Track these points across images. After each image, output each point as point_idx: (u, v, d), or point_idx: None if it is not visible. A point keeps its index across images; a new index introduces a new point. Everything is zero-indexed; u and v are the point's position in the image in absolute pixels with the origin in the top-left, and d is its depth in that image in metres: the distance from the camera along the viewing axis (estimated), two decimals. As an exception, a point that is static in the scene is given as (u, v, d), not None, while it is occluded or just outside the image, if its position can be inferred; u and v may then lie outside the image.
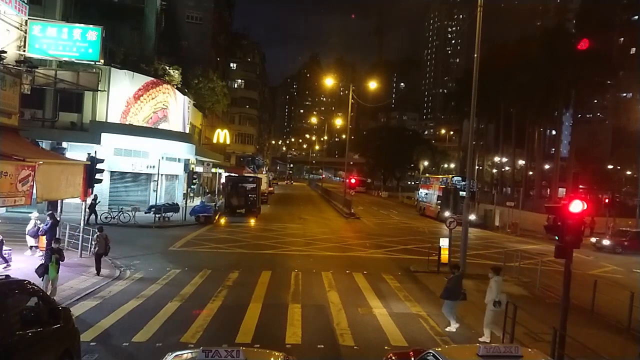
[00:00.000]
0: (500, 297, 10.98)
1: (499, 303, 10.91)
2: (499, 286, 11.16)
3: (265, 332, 11.07)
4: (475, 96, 18.93)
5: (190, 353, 6.06)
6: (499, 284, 11.22)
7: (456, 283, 12.02)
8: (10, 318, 6.52)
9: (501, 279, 11.42)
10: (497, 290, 11.06)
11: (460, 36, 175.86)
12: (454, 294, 11.90)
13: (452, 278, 12.23)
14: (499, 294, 11.04)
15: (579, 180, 36.49)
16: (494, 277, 11.34)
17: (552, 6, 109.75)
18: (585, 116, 76.09)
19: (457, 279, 12.13)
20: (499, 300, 10.92)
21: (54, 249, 12.61)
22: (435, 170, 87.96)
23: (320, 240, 26.05)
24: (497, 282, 11.23)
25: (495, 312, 10.98)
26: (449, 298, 11.97)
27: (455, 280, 12.06)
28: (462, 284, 12.36)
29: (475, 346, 6.43)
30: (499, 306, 10.91)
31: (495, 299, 10.94)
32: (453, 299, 11.94)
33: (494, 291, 11.08)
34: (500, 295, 11.03)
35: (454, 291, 11.90)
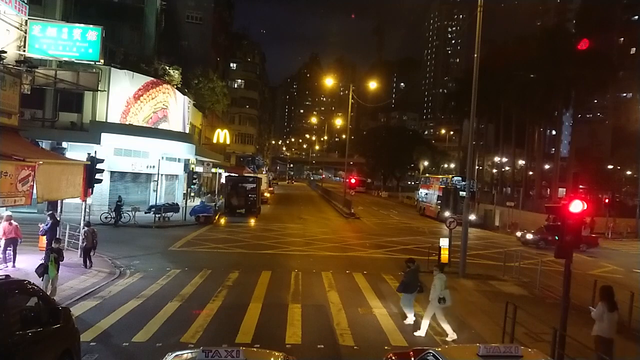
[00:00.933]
0: (444, 294, 11.12)
1: (443, 300, 11.07)
2: (443, 283, 11.28)
3: (265, 332, 11.07)
4: (475, 96, 18.94)
5: (190, 353, 6.06)
6: (443, 280, 11.36)
7: (412, 276, 12.20)
8: (10, 318, 6.51)
9: (445, 276, 11.54)
10: (441, 287, 11.19)
11: (460, 36, 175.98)
12: (410, 287, 12.11)
13: (408, 272, 12.37)
14: (443, 290, 11.17)
15: (579, 180, 36.40)
16: (437, 274, 11.48)
17: (552, 6, 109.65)
18: (585, 116, 76.04)
19: (413, 272, 12.29)
20: (444, 297, 11.08)
21: (54, 249, 12.63)
22: (435, 170, 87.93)
23: (320, 240, 26.05)
24: (441, 279, 11.36)
25: (441, 308, 11.14)
26: (405, 291, 12.21)
27: (411, 274, 12.24)
28: (419, 276, 12.49)
29: (475, 346, 6.43)
30: (443, 302, 11.07)
31: (440, 295, 11.08)
32: (409, 292, 12.16)
33: (438, 288, 11.21)
34: (444, 292, 11.16)
35: (410, 284, 12.12)
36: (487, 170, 75.11)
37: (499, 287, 17.22)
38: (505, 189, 64.29)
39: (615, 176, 62.34)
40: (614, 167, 63.39)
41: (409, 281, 12.14)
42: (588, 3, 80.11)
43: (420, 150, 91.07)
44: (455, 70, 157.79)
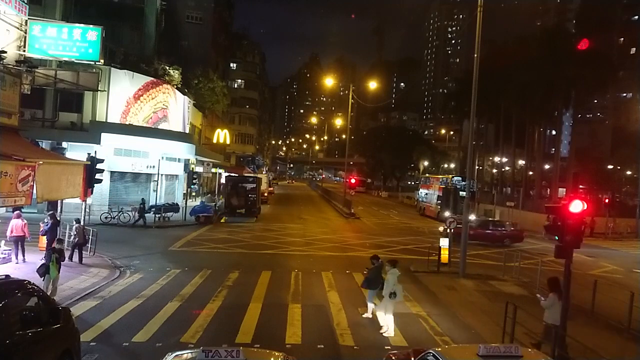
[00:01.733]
0: (395, 289, 11.25)
1: (394, 294, 11.20)
2: (395, 278, 11.40)
3: (265, 332, 11.08)
4: (475, 96, 18.94)
5: (190, 353, 6.06)
6: (395, 275, 11.47)
7: (376, 273, 12.36)
8: (10, 318, 6.51)
9: (397, 271, 11.61)
10: (393, 282, 11.32)
11: (460, 36, 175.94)
12: (373, 283, 12.29)
13: (372, 269, 12.51)
14: (395, 285, 11.29)
15: (579, 180, 36.40)
16: (390, 269, 11.56)
17: (552, 6, 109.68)
18: (585, 116, 76.02)
19: (377, 269, 12.43)
20: (394, 292, 11.21)
21: (55, 249, 12.62)
22: (435, 170, 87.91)
23: (320, 240, 26.05)
24: (393, 274, 11.46)
25: (392, 302, 11.26)
26: (369, 287, 12.44)
27: (375, 271, 12.40)
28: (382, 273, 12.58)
29: (475, 346, 6.43)
30: (394, 297, 11.21)
31: (391, 290, 11.22)
32: (373, 288, 12.34)
33: (390, 283, 11.33)
34: (396, 287, 11.30)
35: (373, 281, 12.29)
36: (487, 170, 75.10)
37: (499, 287, 17.22)
38: (505, 189, 64.28)
39: (615, 176, 62.35)
40: (614, 167, 63.40)
41: (372, 277, 12.31)
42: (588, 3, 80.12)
43: (420, 150, 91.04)
44: (455, 70, 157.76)
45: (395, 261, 11.93)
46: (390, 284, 11.33)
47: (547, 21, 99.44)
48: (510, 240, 28.41)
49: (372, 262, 12.67)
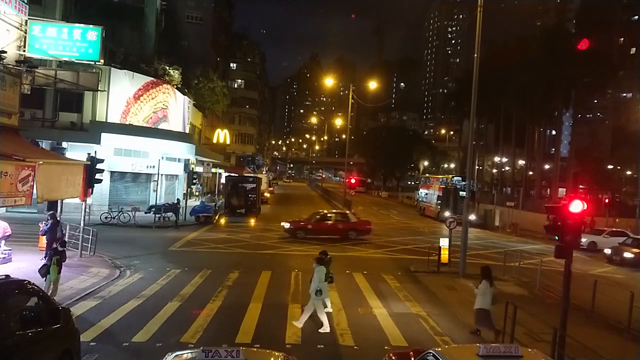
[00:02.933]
0: (321, 286, 11.35)
1: (320, 292, 11.30)
2: (320, 276, 11.46)
3: (265, 332, 11.08)
4: (475, 96, 18.94)
5: (190, 353, 6.06)
6: (321, 273, 11.54)
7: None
8: (10, 318, 6.52)
9: (324, 269, 11.64)
10: (319, 280, 11.38)
11: (460, 36, 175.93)
12: None
13: None
14: (320, 282, 11.37)
15: (579, 180, 36.39)
16: (317, 267, 11.61)
17: (552, 6, 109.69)
18: (585, 116, 76.06)
19: (325, 264, 12.60)
20: (320, 289, 11.31)
21: (57, 250, 12.56)
22: (435, 170, 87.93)
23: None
24: (319, 271, 11.52)
25: (318, 300, 11.32)
26: None
27: None
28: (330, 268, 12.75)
29: (475, 346, 6.43)
30: (320, 294, 11.31)
31: (317, 288, 11.30)
32: None
33: (316, 280, 11.40)
34: (322, 284, 11.39)
35: None
36: (487, 170, 75.11)
37: (499, 287, 17.07)
38: (505, 189, 64.30)
39: (615, 176, 62.35)
40: (614, 167, 63.40)
41: None
42: (588, 3, 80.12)
43: (420, 150, 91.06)
44: (455, 70, 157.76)
45: (322, 259, 11.90)
46: (316, 281, 11.39)
47: (547, 21, 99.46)
48: (357, 232, 26.42)
49: (321, 257, 12.93)
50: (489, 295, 11.32)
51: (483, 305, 11.36)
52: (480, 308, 11.39)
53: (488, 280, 11.45)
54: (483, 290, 11.44)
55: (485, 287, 11.39)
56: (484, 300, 11.35)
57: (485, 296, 11.34)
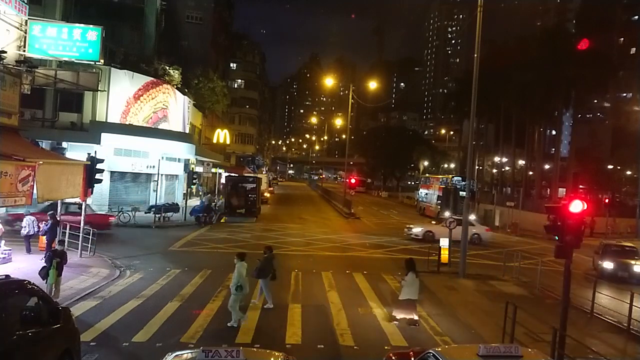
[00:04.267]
0: (242, 282, 11.34)
1: (240, 288, 11.29)
2: (241, 271, 11.47)
3: (265, 332, 11.09)
4: (475, 96, 18.95)
5: (190, 353, 6.06)
6: (243, 269, 11.56)
7: (267, 263, 13.02)
8: (10, 318, 6.52)
9: (244, 264, 11.66)
10: (239, 276, 11.39)
11: (460, 36, 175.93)
12: (263, 272, 12.91)
13: (264, 259, 13.14)
14: (241, 278, 11.37)
15: (579, 180, 36.38)
16: (238, 262, 11.63)
17: (552, 6, 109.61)
18: (585, 116, 75.93)
19: (268, 259, 13.11)
20: (241, 285, 11.30)
21: (57, 252, 12.43)
22: (435, 170, 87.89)
23: (320, 240, 26.04)
24: (239, 268, 11.53)
25: (237, 296, 11.33)
26: (259, 276, 12.99)
27: (265, 261, 13.06)
28: (273, 264, 13.24)
29: (475, 346, 6.43)
30: (240, 290, 11.30)
31: (237, 284, 11.31)
32: (264, 277, 12.94)
33: (236, 277, 11.42)
34: (242, 280, 11.37)
35: (264, 270, 12.91)
36: (487, 170, 75.06)
37: (499, 287, 17.22)
38: (505, 189, 64.27)
39: (615, 176, 62.30)
40: (614, 167, 63.35)
41: (262, 267, 12.93)
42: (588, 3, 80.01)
43: (420, 150, 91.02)
44: (455, 70, 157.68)
45: (244, 254, 11.90)
46: (236, 277, 11.38)
47: (547, 21, 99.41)
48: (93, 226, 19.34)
49: (265, 252, 13.36)
50: (416, 286, 11.97)
51: (410, 295, 11.91)
52: (407, 298, 11.91)
53: (414, 271, 12.05)
54: (410, 282, 11.97)
55: (412, 279, 11.96)
56: (411, 291, 11.92)
57: (412, 287, 11.92)
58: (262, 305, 12.95)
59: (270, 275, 12.99)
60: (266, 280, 12.97)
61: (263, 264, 13.00)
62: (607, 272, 19.64)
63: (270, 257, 13.21)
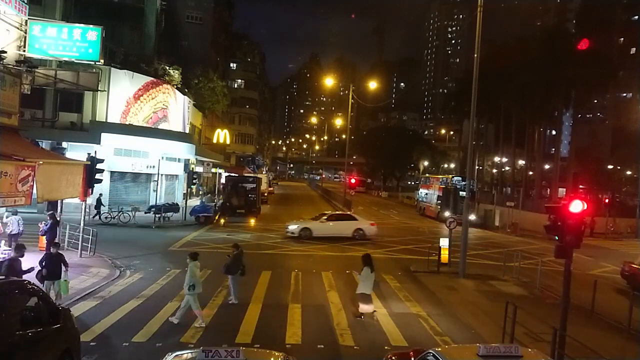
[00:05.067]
0: (194, 281, 11.34)
1: (193, 287, 11.28)
2: (194, 271, 11.48)
3: (265, 332, 11.08)
4: (475, 96, 18.94)
5: (190, 353, 6.06)
6: (196, 268, 11.58)
7: (235, 260, 13.34)
8: (10, 318, 6.52)
9: (197, 264, 11.66)
10: (192, 275, 11.40)
11: (460, 36, 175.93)
12: (232, 269, 13.25)
13: (232, 255, 13.45)
14: (193, 277, 11.37)
15: (579, 180, 36.40)
16: (190, 262, 11.62)
17: (552, 6, 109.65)
18: (585, 116, 75.97)
19: (236, 256, 13.42)
20: (193, 284, 11.30)
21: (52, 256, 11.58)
22: (435, 170, 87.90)
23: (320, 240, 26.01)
24: (192, 267, 11.52)
25: (192, 295, 11.29)
26: (227, 273, 13.34)
27: (234, 258, 13.36)
28: (242, 260, 13.57)
29: (475, 346, 6.43)
30: (193, 290, 11.29)
31: (190, 283, 11.30)
32: (232, 274, 13.28)
33: (189, 276, 11.42)
34: (195, 279, 11.38)
35: (232, 267, 13.25)
36: (487, 170, 75.06)
37: (499, 287, 17.22)
38: (505, 189, 64.27)
39: (615, 176, 62.32)
40: (614, 167, 63.37)
41: (231, 264, 13.26)
42: (588, 3, 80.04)
43: (420, 150, 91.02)
44: (455, 70, 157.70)
45: (196, 254, 11.89)
46: (189, 277, 11.39)
47: (547, 21, 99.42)
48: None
49: (233, 250, 13.60)
50: (371, 280, 12.35)
51: (365, 290, 12.26)
52: (362, 292, 12.27)
53: (369, 266, 12.38)
54: (365, 277, 12.32)
55: (367, 274, 12.31)
56: (366, 285, 12.27)
57: (367, 282, 12.27)
58: (227, 301, 13.29)
59: (239, 271, 13.38)
60: (235, 277, 13.32)
61: (232, 260, 13.33)
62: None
63: (238, 254, 13.54)
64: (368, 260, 12.52)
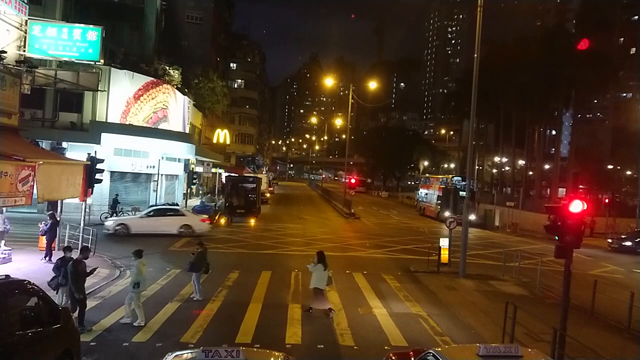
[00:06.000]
0: (139, 279, 11.28)
1: (137, 284, 11.23)
2: (140, 268, 11.42)
3: (265, 332, 11.08)
4: (475, 96, 18.95)
5: (190, 353, 6.06)
6: (142, 266, 11.51)
7: (199, 258, 13.55)
8: (10, 318, 6.52)
9: (142, 261, 11.54)
10: (137, 272, 11.35)
11: (460, 36, 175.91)
12: (196, 266, 13.43)
13: (196, 254, 13.61)
14: (138, 275, 11.31)
15: (579, 180, 36.47)
16: (135, 260, 11.53)
17: (552, 6, 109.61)
18: (585, 116, 75.95)
19: (201, 254, 13.62)
20: (138, 282, 11.24)
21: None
22: (435, 170, 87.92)
23: (320, 240, 26.04)
24: (137, 265, 11.45)
25: (135, 294, 11.21)
26: (191, 270, 13.45)
27: (198, 256, 13.55)
28: (206, 259, 13.81)
29: (475, 346, 6.43)
30: (137, 287, 11.23)
31: (135, 281, 11.25)
32: (196, 271, 13.44)
33: (134, 274, 11.38)
34: (140, 277, 11.32)
35: (196, 265, 13.45)
36: (487, 170, 75.07)
37: (499, 287, 17.22)
38: (505, 189, 64.28)
39: (615, 176, 62.31)
40: (614, 167, 63.36)
41: (195, 262, 13.46)
42: (588, 3, 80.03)
43: (420, 150, 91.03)
44: (455, 70, 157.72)
45: (140, 252, 11.74)
46: (134, 274, 11.35)
47: (547, 21, 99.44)
48: None
49: (197, 248, 13.84)
50: (324, 277, 12.61)
51: (318, 285, 12.52)
52: (315, 287, 12.51)
53: (323, 263, 12.67)
54: (318, 273, 12.61)
55: (321, 270, 12.59)
56: (319, 281, 12.53)
57: (320, 278, 12.55)
58: (191, 297, 13.38)
59: (203, 269, 13.62)
60: (198, 274, 13.50)
61: (196, 258, 13.51)
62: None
63: (203, 251, 13.71)
64: (322, 258, 12.79)
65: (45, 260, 16.07)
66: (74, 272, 10.52)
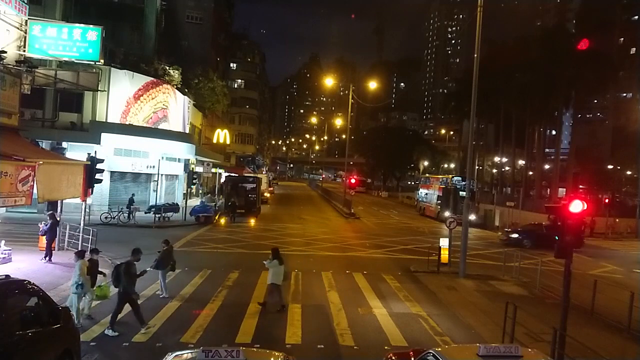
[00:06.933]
0: (82, 280, 11.13)
1: (81, 286, 11.07)
2: (82, 270, 11.28)
3: (265, 332, 11.08)
4: (475, 96, 18.94)
5: (190, 353, 6.06)
6: (84, 267, 11.38)
7: (165, 255, 13.71)
8: (10, 318, 6.52)
9: (84, 261, 11.45)
10: (79, 273, 11.21)
11: (460, 36, 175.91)
12: (162, 264, 13.58)
13: (162, 251, 13.75)
14: (80, 276, 11.17)
15: (579, 180, 36.37)
16: (78, 261, 11.41)
17: (552, 6, 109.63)
18: (585, 116, 76.03)
19: (166, 252, 13.79)
20: (82, 283, 11.09)
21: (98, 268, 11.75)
22: (435, 170, 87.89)
23: (320, 240, 26.04)
24: (78, 265, 11.32)
25: (76, 295, 11.06)
26: (157, 267, 13.53)
27: (164, 253, 13.71)
28: (173, 256, 14.03)
29: (475, 346, 6.43)
30: (80, 289, 11.08)
31: (78, 282, 11.11)
32: (162, 269, 13.58)
33: (76, 274, 11.23)
34: (81, 278, 11.15)
35: (162, 262, 13.60)
36: (487, 170, 75.08)
37: (499, 287, 17.22)
38: (505, 189, 64.28)
39: (615, 176, 62.31)
40: (614, 167, 63.36)
41: (161, 259, 13.61)
42: (588, 3, 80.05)
43: (420, 150, 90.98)
44: (455, 70, 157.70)
45: (83, 252, 11.76)
46: (76, 275, 11.21)
47: (547, 21, 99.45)
48: None
49: (163, 246, 13.93)
50: (280, 272, 12.93)
51: (274, 280, 12.78)
52: (272, 283, 12.79)
53: (278, 259, 12.98)
54: (274, 269, 12.88)
55: (276, 266, 12.88)
56: (276, 276, 12.80)
57: (276, 274, 12.82)
58: (158, 295, 13.50)
59: (169, 267, 13.80)
60: (164, 272, 13.62)
61: (162, 256, 13.62)
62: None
63: (169, 249, 13.83)
64: (277, 254, 13.08)
65: (45, 260, 16.07)
66: (127, 274, 10.90)
